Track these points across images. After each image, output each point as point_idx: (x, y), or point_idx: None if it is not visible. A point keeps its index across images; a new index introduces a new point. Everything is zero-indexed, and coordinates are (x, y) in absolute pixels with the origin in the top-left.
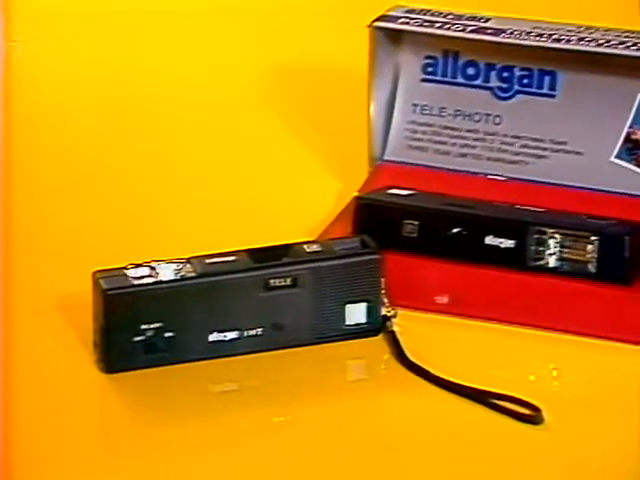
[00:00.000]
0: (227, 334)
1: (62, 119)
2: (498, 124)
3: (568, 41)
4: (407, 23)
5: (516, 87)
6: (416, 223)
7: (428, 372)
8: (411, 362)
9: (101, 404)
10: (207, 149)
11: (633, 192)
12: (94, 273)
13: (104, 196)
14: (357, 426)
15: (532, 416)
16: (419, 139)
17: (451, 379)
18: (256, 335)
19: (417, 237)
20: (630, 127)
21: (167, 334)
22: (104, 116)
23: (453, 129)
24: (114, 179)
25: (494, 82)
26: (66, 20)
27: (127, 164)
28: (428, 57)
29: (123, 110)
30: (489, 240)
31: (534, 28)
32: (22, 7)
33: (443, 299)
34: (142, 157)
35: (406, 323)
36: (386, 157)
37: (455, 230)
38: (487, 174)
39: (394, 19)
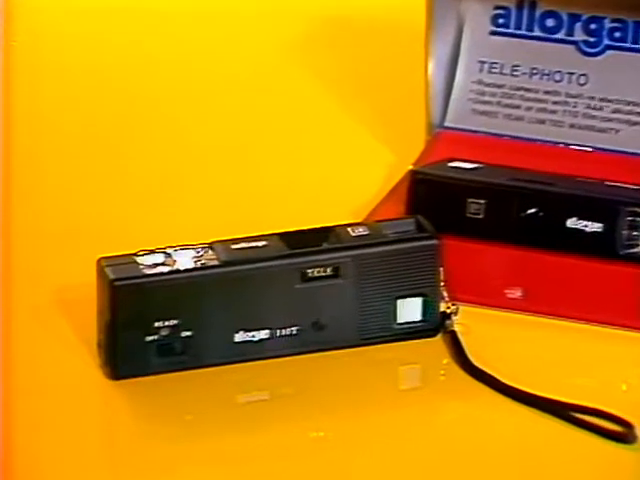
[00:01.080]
0: (256, 334)
1: (62, 119)
2: (583, 85)
3: None
4: None
5: (606, 41)
6: (482, 202)
7: (496, 380)
8: (475, 368)
9: (106, 416)
10: (231, 117)
11: None
12: (99, 260)
13: (112, 173)
14: (410, 443)
15: (623, 434)
16: (487, 102)
17: (524, 388)
18: (290, 335)
19: (484, 219)
20: None
21: (185, 333)
22: (106, 111)
23: (528, 90)
24: (123, 154)
25: (579, 35)
26: (66, 20)
27: (138, 138)
28: (499, 7)
29: (131, 96)
30: (571, 223)
31: None
32: (22, 7)
33: (515, 293)
34: (157, 128)
35: (469, 321)
36: (447, 124)
37: (530, 211)
38: (569, 144)
39: None
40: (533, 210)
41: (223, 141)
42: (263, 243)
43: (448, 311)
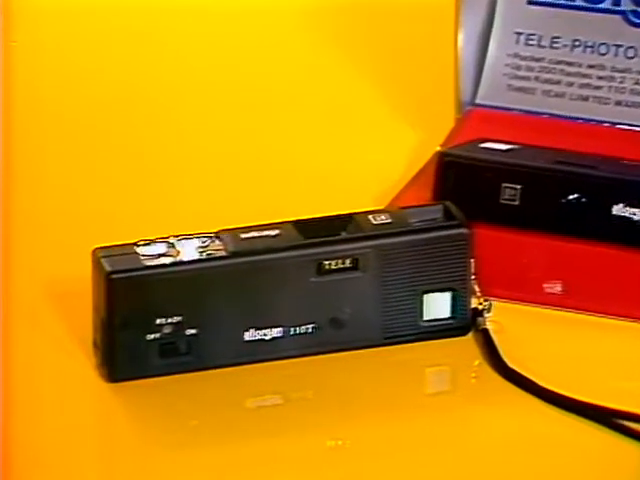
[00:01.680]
0: (268, 332)
1: (62, 119)
2: (631, 58)
3: None
4: None
5: None
6: (518, 187)
7: (532, 383)
8: (509, 370)
9: (102, 423)
10: (242, 95)
11: None
12: (94, 251)
13: (111, 158)
14: (437, 454)
15: None
16: (523, 77)
17: (563, 392)
18: (306, 333)
19: (519, 205)
20: None
21: (189, 331)
22: (106, 111)
23: (570, 64)
24: (124, 142)
25: (626, 5)
26: (66, 20)
27: (140, 127)
28: None
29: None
30: (617, 210)
31: None
32: (22, 7)
33: (554, 287)
34: (160, 116)
35: (503, 319)
36: (478, 101)
37: (571, 197)
38: (615, 123)
39: None
40: (575, 196)
41: (230, 122)
42: (275, 232)
43: (480, 307)
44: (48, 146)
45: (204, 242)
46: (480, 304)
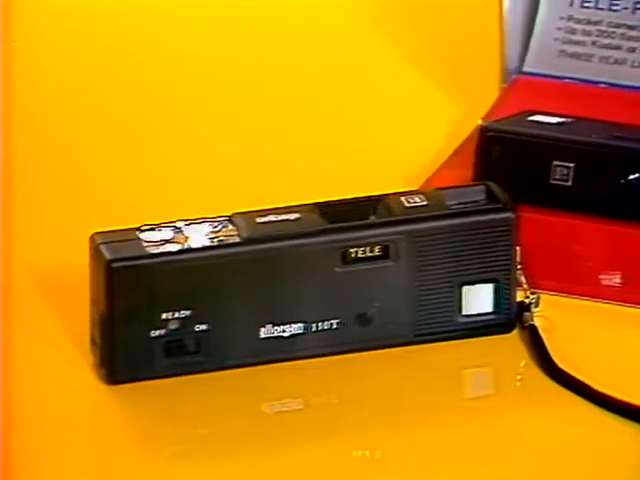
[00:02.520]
0: (286, 328)
1: (62, 119)
2: None
3: None
4: None
5: None
6: (571, 165)
7: (586, 386)
8: (560, 371)
9: (100, 430)
10: (261, 65)
11: None
12: (93, 237)
13: (114, 138)
14: (477, 465)
15: None
16: (578, 42)
17: (622, 398)
18: (329, 330)
19: (572, 186)
20: None
21: (199, 327)
22: (107, 111)
23: (631, 28)
24: (129, 119)
25: None
26: (66, 20)
27: (147, 106)
28: None
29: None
30: None
31: None
32: (22, 7)
33: (612, 279)
34: (170, 85)
35: (553, 314)
36: (526, 69)
37: (632, 176)
38: None
39: None
40: (635, 175)
41: (247, 92)
42: (295, 216)
43: (526, 301)
44: (48, 146)
45: (215, 227)
46: (527, 297)
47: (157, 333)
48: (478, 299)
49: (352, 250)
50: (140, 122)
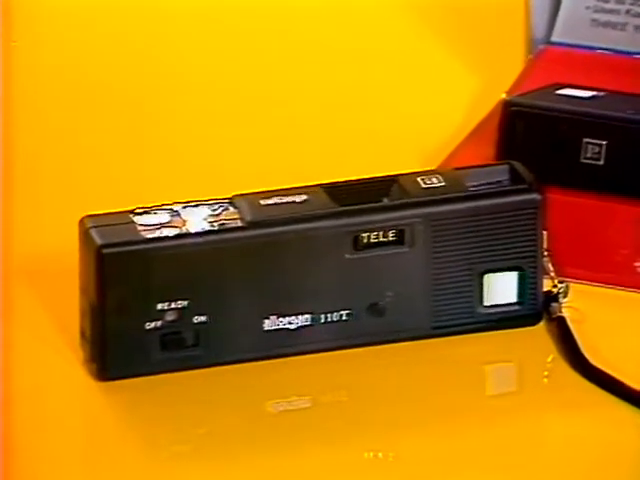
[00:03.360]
0: (293, 319)
1: (62, 119)
2: None
3: None
4: None
5: None
6: (603, 143)
7: (618, 382)
8: (591, 367)
9: (91, 430)
10: (270, 39)
11: None
12: (82, 220)
13: (111, 109)
14: (500, 468)
15: None
16: (611, 11)
17: None
18: (339, 321)
19: (604, 166)
20: None
21: (197, 319)
22: (107, 110)
23: None
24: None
25: None
26: (66, 20)
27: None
28: None
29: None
30: None
31: None
32: (22, 7)
33: None
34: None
35: (584, 305)
36: (554, 38)
37: None
38: None
39: None
40: None
41: (252, 65)
42: (303, 198)
43: (554, 291)
44: (48, 146)
45: (215, 210)
46: (554, 287)
47: (152, 325)
48: (501, 288)
49: (364, 235)
50: (137, 101)
